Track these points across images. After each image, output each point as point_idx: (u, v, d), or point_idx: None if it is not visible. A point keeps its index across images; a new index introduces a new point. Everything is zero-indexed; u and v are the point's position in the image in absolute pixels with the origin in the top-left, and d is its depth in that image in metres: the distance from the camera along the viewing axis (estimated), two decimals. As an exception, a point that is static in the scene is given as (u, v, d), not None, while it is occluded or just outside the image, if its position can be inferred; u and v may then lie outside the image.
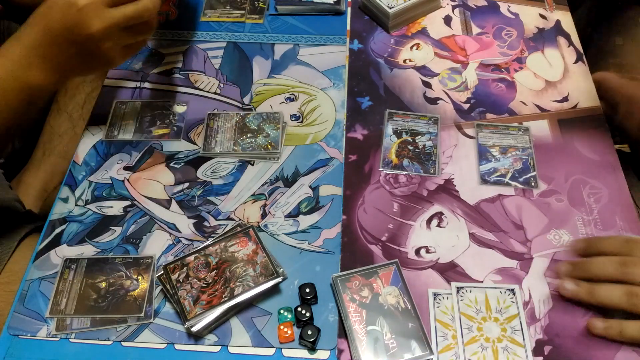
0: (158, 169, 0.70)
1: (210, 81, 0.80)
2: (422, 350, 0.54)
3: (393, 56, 0.82)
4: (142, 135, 0.73)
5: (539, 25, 0.87)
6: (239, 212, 0.66)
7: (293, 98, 0.77)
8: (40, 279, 0.61)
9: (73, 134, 0.92)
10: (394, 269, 0.59)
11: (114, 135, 0.74)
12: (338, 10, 0.88)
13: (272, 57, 0.82)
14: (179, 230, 0.65)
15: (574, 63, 0.81)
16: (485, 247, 0.63)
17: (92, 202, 0.67)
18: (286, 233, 0.64)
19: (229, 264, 0.59)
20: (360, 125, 0.74)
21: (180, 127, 0.74)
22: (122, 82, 0.80)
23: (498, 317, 0.57)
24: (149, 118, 0.75)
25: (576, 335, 0.56)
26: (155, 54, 0.83)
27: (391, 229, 0.64)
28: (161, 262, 0.62)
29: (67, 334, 0.57)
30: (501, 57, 0.82)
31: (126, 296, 0.59)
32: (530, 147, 0.71)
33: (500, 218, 0.65)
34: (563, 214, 0.65)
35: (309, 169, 0.70)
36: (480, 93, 0.78)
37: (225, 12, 0.89)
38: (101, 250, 0.63)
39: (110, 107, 0.77)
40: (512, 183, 0.68)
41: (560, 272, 0.59)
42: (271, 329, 0.57)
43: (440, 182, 0.68)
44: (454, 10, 0.89)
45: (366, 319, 0.56)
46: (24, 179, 0.91)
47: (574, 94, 0.77)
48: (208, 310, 0.56)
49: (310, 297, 0.58)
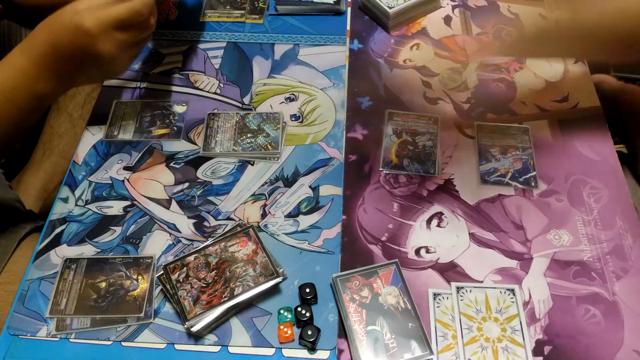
0: (158, 169, 0.70)
1: (210, 81, 0.80)
2: (422, 350, 0.54)
3: (393, 56, 0.82)
4: (142, 135, 0.73)
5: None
6: (239, 212, 0.66)
7: (293, 98, 0.77)
8: (40, 279, 0.61)
9: (73, 134, 0.92)
10: (394, 269, 0.59)
11: (114, 135, 0.74)
12: (338, 10, 0.88)
13: (272, 57, 0.82)
14: (179, 230, 0.65)
15: (574, 63, 0.81)
16: (485, 247, 0.63)
17: (92, 202, 0.67)
18: (286, 233, 0.64)
19: (229, 264, 0.59)
20: (360, 125, 0.74)
21: (180, 127, 0.74)
22: (122, 82, 0.80)
23: (498, 317, 0.57)
24: (149, 118, 0.75)
25: (576, 335, 0.56)
26: (155, 54, 0.83)
27: (391, 229, 0.64)
28: (161, 262, 0.62)
29: (67, 334, 0.57)
30: (501, 57, 0.82)
31: (126, 296, 0.59)
32: (530, 147, 0.71)
33: (500, 218, 0.65)
34: (563, 214, 0.65)
35: (309, 169, 0.70)
36: (480, 93, 0.78)
37: (225, 12, 0.89)
38: (101, 250, 0.63)
39: (110, 107, 0.77)
40: (512, 183, 0.68)
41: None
42: (271, 329, 0.57)
43: (440, 182, 0.68)
44: (454, 10, 0.89)
45: (366, 319, 0.56)
46: (24, 179, 0.91)
47: (574, 94, 0.77)
48: (208, 310, 0.56)
49: (310, 297, 0.58)
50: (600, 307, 0.58)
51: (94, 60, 0.62)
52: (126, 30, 0.62)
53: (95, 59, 0.62)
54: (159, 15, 0.88)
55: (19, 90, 0.61)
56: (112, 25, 0.60)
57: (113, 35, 0.61)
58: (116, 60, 0.63)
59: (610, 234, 0.63)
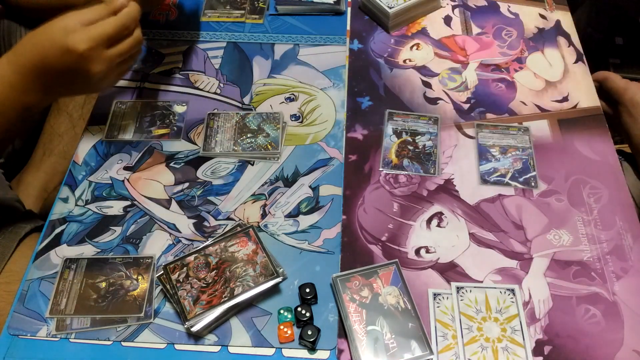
0: (158, 169, 0.70)
1: (210, 81, 0.80)
2: (422, 350, 0.54)
3: (393, 56, 0.82)
4: (142, 135, 0.73)
5: (539, 25, 0.87)
6: (239, 212, 0.66)
7: (293, 98, 0.77)
8: (40, 279, 0.61)
9: (73, 134, 0.92)
10: (394, 269, 0.59)
11: (114, 135, 0.74)
12: (338, 10, 0.88)
13: (272, 57, 0.82)
14: (179, 230, 0.65)
15: (574, 63, 0.81)
16: (485, 247, 0.63)
17: (92, 202, 0.67)
18: (286, 233, 0.64)
19: (229, 264, 0.59)
20: (360, 125, 0.74)
21: (180, 127, 0.74)
22: (122, 82, 0.80)
23: (498, 317, 0.57)
24: (149, 118, 0.75)
25: (576, 335, 0.56)
26: (155, 54, 0.83)
27: (391, 229, 0.64)
28: (161, 262, 0.62)
29: (67, 334, 0.57)
30: (501, 57, 0.82)
31: (126, 296, 0.59)
32: (530, 147, 0.71)
33: (500, 218, 0.65)
34: (563, 214, 0.65)
35: (309, 169, 0.70)
36: (480, 93, 0.78)
37: (225, 12, 0.89)
38: (101, 250, 0.63)
39: (110, 107, 0.77)
40: (512, 183, 0.68)
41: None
42: (271, 329, 0.57)
43: (440, 182, 0.68)
44: (454, 10, 0.89)
45: (366, 319, 0.56)
46: (24, 179, 0.91)
47: (574, 94, 0.77)
48: (208, 310, 0.56)
49: (310, 297, 0.58)
50: (600, 307, 0.58)
51: (85, 78, 0.62)
52: (115, 45, 0.62)
53: (86, 78, 0.62)
54: (159, 15, 0.89)
55: (4, 100, 0.61)
56: (102, 42, 0.60)
57: (104, 54, 0.61)
58: (107, 77, 0.64)
59: (610, 234, 0.63)
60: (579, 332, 0.56)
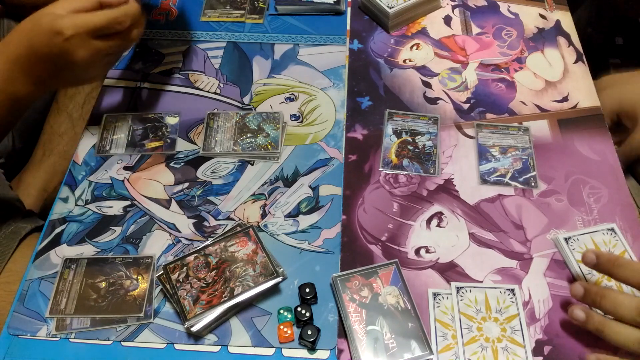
0: (158, 169, 0.70)
1: (210, 81, 0.80)
2: (422, 350, 0.54)
3: (393, 56, 0.82)
4: (135, 149, 0.72)
5: (539, 25, 0.87)
6: (239, 212, 0.66)
7: (293, 98, 0.77)
8: (40, 278, 0.61)
9: (73, 134, 0.92)
10: (394, 268, 0.59)
11: (106, 150, 0.72)
12: (338, 10, 0.88)
13: (272, 57, 0.82)
14: (178, 230, 0.65)
15: (574, 63, 0.81)
16: (485, 247, 0.63)
17: (92, 202, 0.67)
18: (286, 233, 0.64)
19: (228, 264, 0.59)
20: (360, 125, 0.74)
21: (174, 139, 0.73)
22: (122, 82, 0.80)
23: (498, 317, 0.57)
24: (141, 131, 0.74)
25: (576, 335, 0.56)
26: (155, 54, 0.83)
27: (391, 229, 0.64)
28: (161, 262, 0.62)
29: (67, 334, 0.57)
30: (501, 57, 0.82)
31: (126, 296, 0.59)
32: (530, 147, 0.71)
33: (500, 218, 0.65)
34: (563, 214, 0.65)
35: (308, 168, 0.70)
36: (480, 93, 0.78)
37: (225, 12, 0.89)
38: (101, 250, 0.63)
39: (110, 107, 0.76)
40: (512, 183, 0.68)
41: (572, 293, 0.55)
42: (271, 328, 0.57)
43: (440, 182, 0.68)
44: (454, 10, 0.89)
45: (366, 319, 0.56)
46: (24, 179, 0.91)
47: (574, 94, 0.77)
48: (208, 310, 0.56)
49: (310, 297, 0.58)
50: (600, 307, 0.58)
51: (68, 64, 0.61)
52: (103, 38, 0.62)
53: (70, 64, 0.61)
54: (159, 15, 0.89)
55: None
56: (90, 32, 0.60)
57: (89, 42, 0.61)
58: (90, 67, 0.63)
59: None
60: (579, 332, 0.56)
